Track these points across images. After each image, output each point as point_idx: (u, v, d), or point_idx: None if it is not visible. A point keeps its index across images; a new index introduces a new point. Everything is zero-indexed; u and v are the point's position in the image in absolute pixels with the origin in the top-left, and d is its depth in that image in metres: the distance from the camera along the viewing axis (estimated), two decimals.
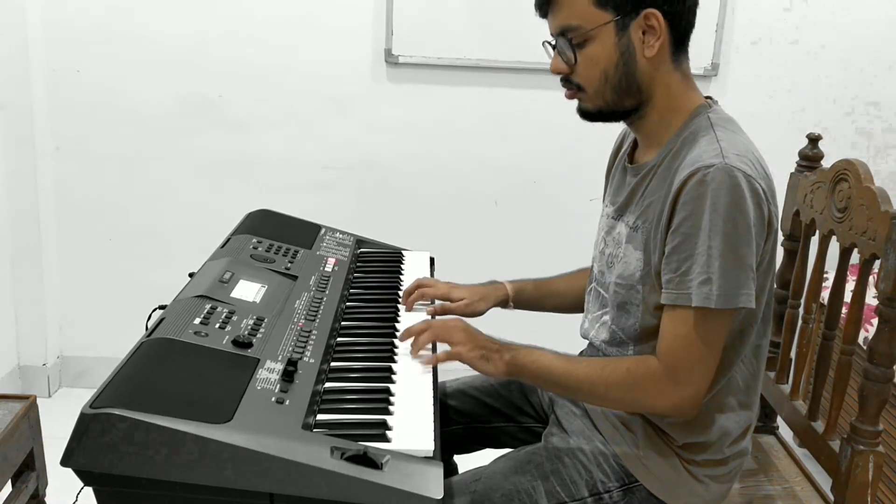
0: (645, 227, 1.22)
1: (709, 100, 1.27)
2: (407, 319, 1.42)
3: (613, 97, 1.22)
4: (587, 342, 1.43)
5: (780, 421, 1.67)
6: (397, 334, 1.35)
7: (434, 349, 1.30)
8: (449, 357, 1.24)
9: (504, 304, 1.55)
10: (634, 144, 1.34)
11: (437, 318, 1.31)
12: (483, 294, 1.52)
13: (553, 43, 1.25)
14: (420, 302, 1.49)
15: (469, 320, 1.33)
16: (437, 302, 1.52)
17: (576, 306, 1.53)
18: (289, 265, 1.53)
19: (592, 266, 1.41)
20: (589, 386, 1.21)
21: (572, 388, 1.24)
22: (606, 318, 1.33)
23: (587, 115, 1.28)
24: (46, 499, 1.54)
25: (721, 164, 1.11)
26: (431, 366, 1.25)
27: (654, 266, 1.20)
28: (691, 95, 1.25)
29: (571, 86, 1.25)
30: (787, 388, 1.64)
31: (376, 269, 1.67)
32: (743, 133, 1.22)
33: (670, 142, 1.23)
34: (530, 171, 2.67)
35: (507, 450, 1.39)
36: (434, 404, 1.14)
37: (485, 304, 1.52)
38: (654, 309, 1.21)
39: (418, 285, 1.50)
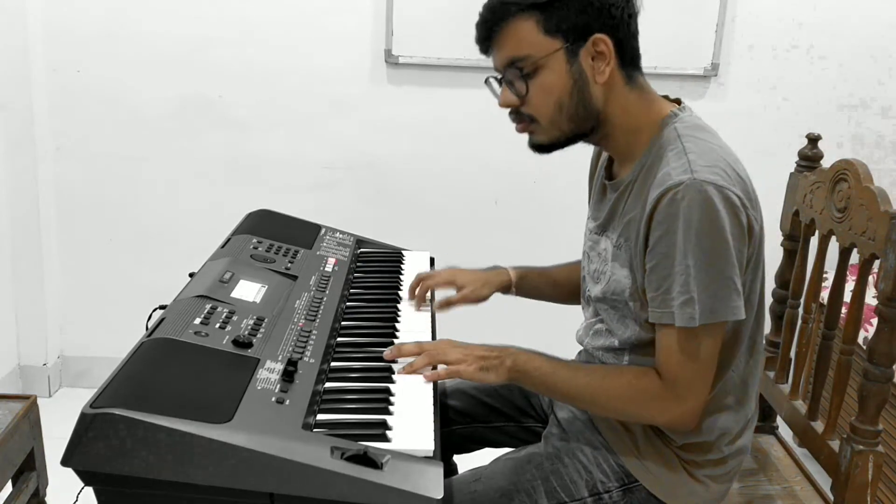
0: (627, 245, 1.21)
1: (677, 104, 1.24)
2: (407, 319, 1.42)
3: (569, 125, 1.21)
4: (581, 347, 1.42)
5: (779, 421, 1.67)
6: (397, 334, 1.35)
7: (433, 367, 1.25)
8: (449, 374, 1.21)
9: (506, 289, 1.55)
10: (611, 158, 1.32)
11: (426, 341, 1.28)
12: (486, 279, 1.53)
13: (498, 77, 1.23)
14: (423, 304, 1.49)
15: (468, 332, 1.32)
16: (440, 293, 1.51)
17: (571, 297, 1.52)
18: (289, 265, 1.53)
19: (583, 275, 1.40)
20: (590, 396, 1.21)
21: (573, 397, 1.23)
22: (600, 326, 1.33)
23: (541, 147, 1.25)
24: (47, 499, 1.54)
25: (689, 181, 1.09)
26: (431, 381, 1.21)
27: (640, 284, 1.19)
28: (654, 107, 1.23)
29: (523, 118, 1.23)
30: (786, 387, 1.64)
31: (376, 269, 1.67)
32: (714, 137, 1.20)
33: (643, 156, 1.21)
34: (530, 171, 2.67)
35: (507, 450, 1.39)
36: (434, 404, 1.14)
37: (488, 290, 1.53)
38: (646, 323, 1.20)
39: (419, 280, 1.50)
